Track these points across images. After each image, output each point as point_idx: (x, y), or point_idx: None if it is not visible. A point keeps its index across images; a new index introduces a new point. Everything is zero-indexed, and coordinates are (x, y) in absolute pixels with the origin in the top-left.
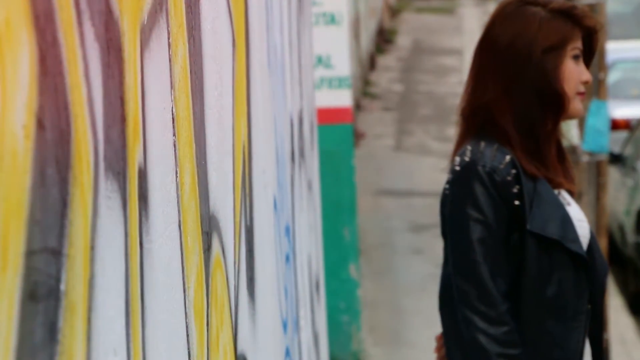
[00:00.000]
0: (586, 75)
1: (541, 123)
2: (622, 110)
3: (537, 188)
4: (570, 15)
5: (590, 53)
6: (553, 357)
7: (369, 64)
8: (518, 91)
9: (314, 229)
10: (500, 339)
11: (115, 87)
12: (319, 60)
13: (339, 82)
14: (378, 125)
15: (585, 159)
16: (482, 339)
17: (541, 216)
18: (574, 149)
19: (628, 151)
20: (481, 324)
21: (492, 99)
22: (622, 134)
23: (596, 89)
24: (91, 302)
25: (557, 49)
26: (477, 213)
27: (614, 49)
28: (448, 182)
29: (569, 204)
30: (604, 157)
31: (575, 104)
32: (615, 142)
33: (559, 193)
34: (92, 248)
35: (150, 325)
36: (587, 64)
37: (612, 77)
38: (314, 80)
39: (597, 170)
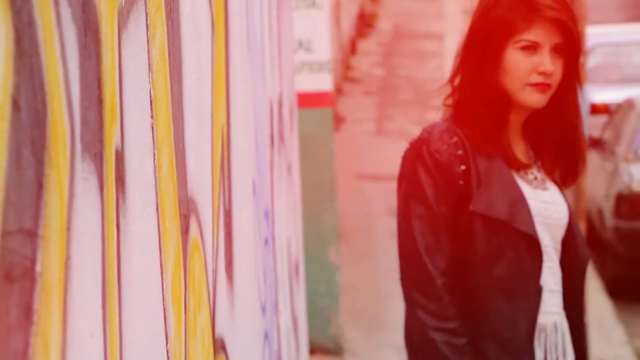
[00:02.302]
0: (543, 65)
1: (488, 110)
2: (601, 95)
3: (491, 168)
4: (528, 5)
5: (572, 44)
6: (504, 336)
7: (350, 48)
8: (467, 77)
9: (294, 213)
10: (437, 312)
11: (92, 69)
12: (300, 44)
13: (320, 66)
14: (358, 109)
15: None
16: (420, 312)
17: (487, 197)
18: None
19: (607, 135)
20: (418, 298)
21: (457, 82)
22: (602, 119)
23: None
24: (67, 284)
25: (497, 40)
26: (418, 191)
27: (593, 33)
28: None
29: (544, 188)
30: None
31: (525, 96)
32: (594, 126)
33: (535, 177)
34: (68, 230)
35: (127, 307)
36: (572, 53)
37: (592, 61)
38: (294, 64)
39: None
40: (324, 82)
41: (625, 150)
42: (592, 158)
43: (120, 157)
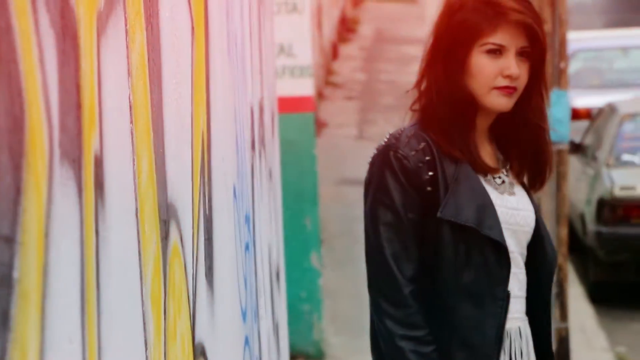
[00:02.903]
0: (509, 69)
1: (454, 114)
2: (583, 100)
3: (458, 174)
4: (494, 8)
5: (538, 47)
6: (472, 342)
7: (331, 53)
8: (433, 81)
9: (275, 218)
10: (404, 321)
11: (70, 74)
12: (281, 48)
13: (301, 71)
14: (340, 114)
15: None
16: (387, 321)
17: (455, 203)
18: None
19: (589, 140)
20: (385, 306)
21: (423, 87)
22: (583, 124)
23: (557, 79)
24: (45, 290)
25: (463, 44)
26: (385, 198)
27: (575, 38)
28: None
29: (511, 193)
30: (564, 146)
31: (491, 99)
32: (576, 131)
33: (503, 182)
34: (47, 235)
35: (106, 313)
36: (537, 57)
37: (573, 66)
38: (275, 68)
39: (558, 160)
40: (305, 87)
41: (606, 155)
42: (574, 163)
43: (99, 162)
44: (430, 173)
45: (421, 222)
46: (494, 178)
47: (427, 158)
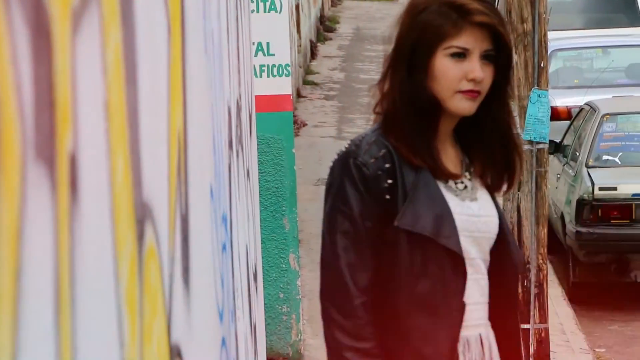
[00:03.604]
0: (473, 72)
1: (417, 117)
2: (562, 100)
3: (418, 182)
4: (458, 11)
5: (502, 50)
6: (423, 352)
7: (310, 52)
8: (396, 83)
9: (253, 218)
10: (352, 331)
11: (44, 72)
12: (259, 47)
13: (279, 70)
14: (319, 113)
15: (525, 147)
16: (336, 331)
17: (413, 212)
18: None
19: (569, 140)
20: (335, 315)
21: (386, 88)
22: (563, 123)
23: (537, 78)
24: (19, 290)
25: (426, 47)
26: (343, 206)
27: (555, 38)
28: None
29: (474, 199)
30: (544, 146)
31: (454, 103)
32: (556, 131)
33: (465, 187)
34: (20, 235)
35: (80, 314)
36: (503, 61)
37: (553, 66)
38: (253, 67)
39: (537, 160)
40: (283, 86)
41: (586, 155)
42: (554, 163)
43: (73, 161)
44: (390, 181)
45: (378, 231)
46: (455, 183)
47: (387, 165)
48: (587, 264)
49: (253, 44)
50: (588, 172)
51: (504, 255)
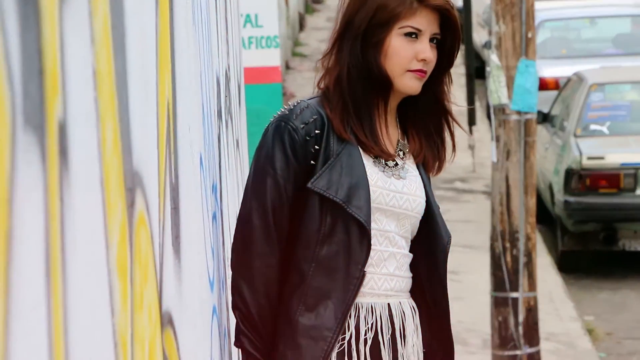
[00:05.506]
0: (424, 53)
1: (364, 96)
2: (550, 70)
3: (341, 151)
4: None
5: (450, 34)
6: (318, 310)
7: (299, 24)
8: (344, 61)
9: (242, 188)
10: (260, 290)
11: (32, 40)
12: (247, 19)
13: (268, 42)
14: (307, 85)
15: (513, 118)
16: (242, 285)
17: (328, 177)
18: (503, 108)
19: (556, 110)
20: (239, 269)
21: (330, 67)
22: (551, 94)
23: (524, 49)
24: (9, 257)
25: (382, 25)
26: (269, 167)
27: (542, 8)
28: None
29: (400, 177)
30: (532, 116)
31: (404, 81)
32: (544, 101)
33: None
34: (10, 203)
35: (71, 281)
36: (450, 45)
37: (541, 36)
38: (241, 39)
39: (526, 130)
40: (272, 57)
41: (574, 125)
42: (542, 133)
43: (62, 129)
44: (317, 147)
45: (298, 195)
46: (386, 161)
47: (317, 132)
48: (575, 233)
49: (241, 15)
50: (576, 141)
51: (432, 236)
